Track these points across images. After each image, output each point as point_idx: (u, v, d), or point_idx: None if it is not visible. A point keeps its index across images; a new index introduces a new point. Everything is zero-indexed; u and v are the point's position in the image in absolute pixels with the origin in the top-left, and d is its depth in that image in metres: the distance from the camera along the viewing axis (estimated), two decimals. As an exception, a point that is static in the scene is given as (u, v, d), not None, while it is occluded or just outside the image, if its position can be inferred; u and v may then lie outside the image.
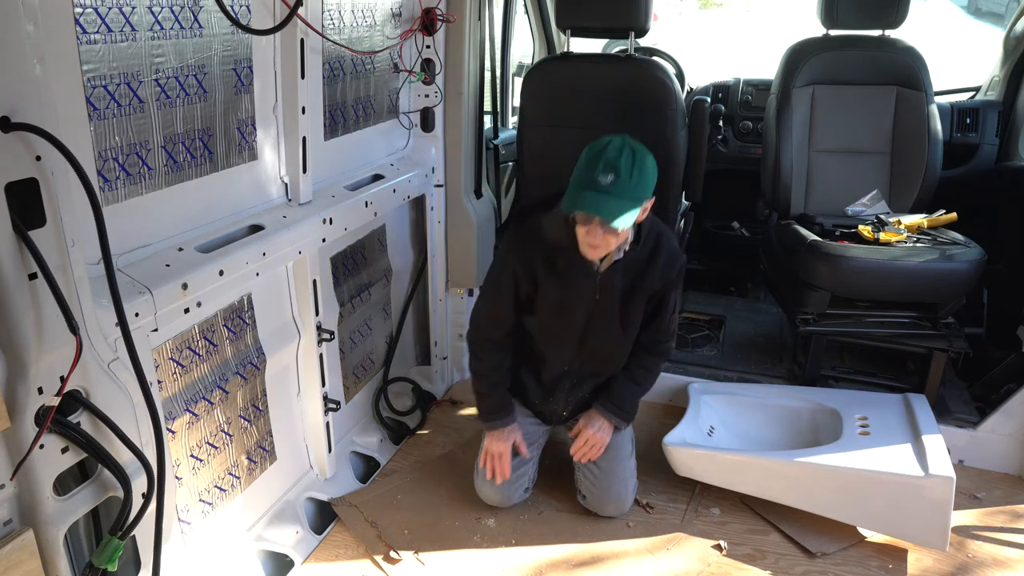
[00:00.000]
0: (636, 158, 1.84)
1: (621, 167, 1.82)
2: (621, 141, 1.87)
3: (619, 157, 1.83)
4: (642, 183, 1.86)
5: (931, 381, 2.68)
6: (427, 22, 2.56)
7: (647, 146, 1.95)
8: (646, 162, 1.87)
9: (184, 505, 1.86)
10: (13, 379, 1.23)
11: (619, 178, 1.81)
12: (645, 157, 1.87)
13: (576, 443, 2.26)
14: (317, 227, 2.13)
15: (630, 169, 1.82)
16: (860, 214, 2.93)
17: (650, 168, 1.89)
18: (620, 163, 1.82)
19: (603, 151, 1.84)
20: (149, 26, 1.56)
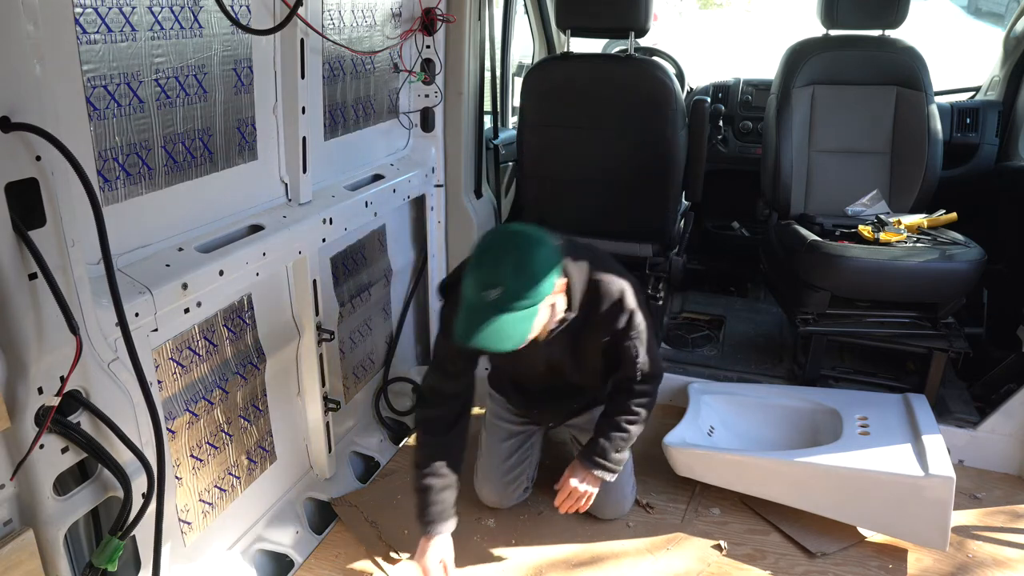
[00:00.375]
0: (521, 256, 1.62)
1: (507, 275, 1.60)
2: (503, 238, 1.69)
3: (502, 264, 1.61)
4: (533, 283, 1.62)
5: (931, 381, 2.67)
6: (427, 22, 2.56)
7: (647, 146, 1.94)
8: (535, 259, 1.63)
9: (184, 505, 1.86)
10: (13, 379, 1.23)
11: (506, 289, 1.59)
12: (534, 254, 1.63)
13: (559, 496, 2.07)
14: (317, 227, 2.13)
15: (516, 275, 1.60)
16: (860, 214, 2.93)
17: (542, 263, 1.64)
18: (506, 271, 1.60)
19: (484, 257, 1.65)
20: (149, 26, 1.56)
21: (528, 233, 1.68)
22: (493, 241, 1.69)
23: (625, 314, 1.92)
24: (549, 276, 1.65)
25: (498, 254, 1.64)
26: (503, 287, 1.59)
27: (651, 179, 2.79)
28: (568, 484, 2.06)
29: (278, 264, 2.01)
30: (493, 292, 1.59)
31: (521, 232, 1.68)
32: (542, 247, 1.66)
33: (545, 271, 1.64)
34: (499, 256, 1.63)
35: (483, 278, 1.62)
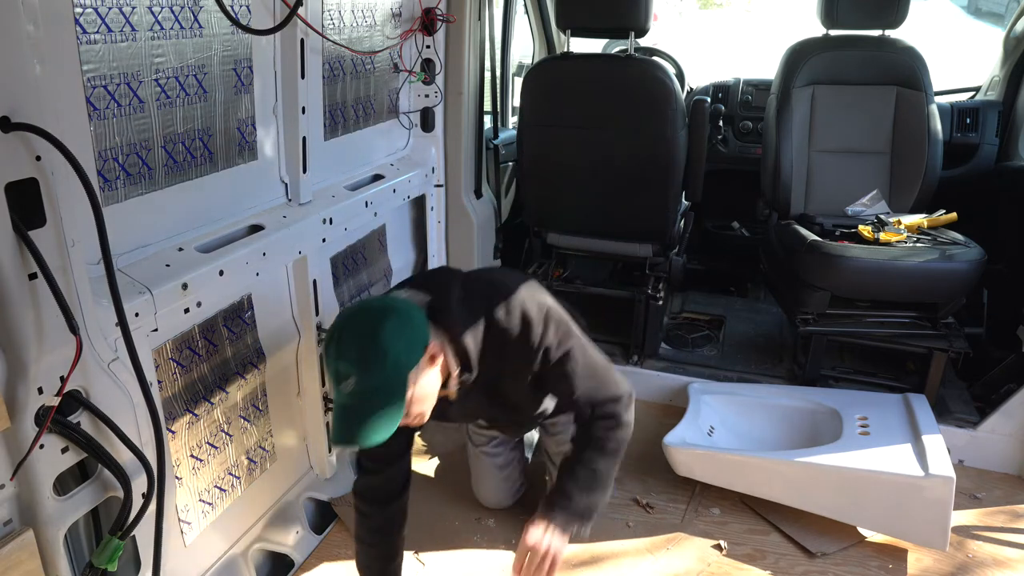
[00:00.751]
0: (366, 340, 1.44)
1: (353, 364, 1.43)
2: (346, 321, 1.49)
3: (346, 351, 1.44)
4: (387, 364, 1.43)
5: (931, 381, 2.67)
6: (427, 22, 2.56)
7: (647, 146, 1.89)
8: (383, 336, 1.43)
9: (184, 505, 1.86)
10: (13, 379, 1.23)
11: (358, 379, 1.43)
12: (381, 330, 1.44)
13: (516, 559, 1.68)
14: (317, 227, 2.13)
15: (363, 360, 1.43)
16: (860, 214, 2.93)
17: (392, 339, 1.44)
18: (350, 360, 1.44)
19: (331, 349, 1.47)
20: (149, 26, 1.56)
21: (376, 308, 1.50)
22: (338, 325, 1.50)
23: (537, 348, 1.66)
24: (404, 349, 1.46)
25: (342, 341, 1.46)
26: (352, 376, 1.43)
27: (651, 179, 2.79)
28: (525, 543, 1.65)
29: (278, 264, 2.01)
30: (346, 385, 1.44)
31: (367, 309, 1.51)
32: (389, 319, 1.46)
33: (396, 345, 1.44)
34: (343, 343, 1.46)
35: (332, 370, 1.47)
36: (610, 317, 3.30)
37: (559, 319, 1.70)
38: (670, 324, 3.38)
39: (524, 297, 1.68)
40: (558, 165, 2.89)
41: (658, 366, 3.03)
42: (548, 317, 1.68)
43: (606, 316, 3.33)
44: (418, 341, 1.50)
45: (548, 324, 1.67)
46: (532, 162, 2.94)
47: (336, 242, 2.34)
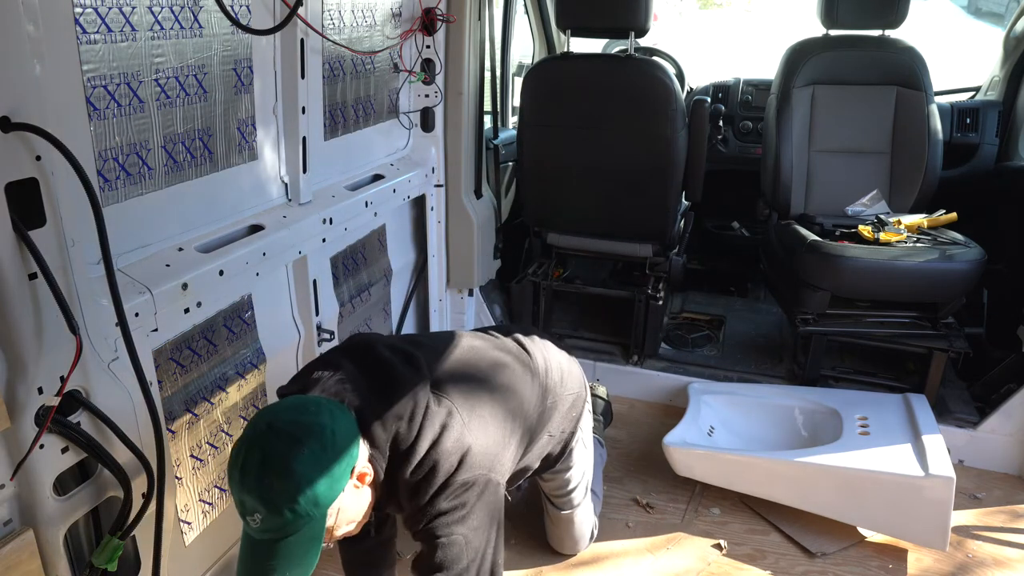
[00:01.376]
0: (276, 473, 1.21)
1: (260, 501, 1.23)
2: (251, 445, 1.25)
3: (251, 485, 1.22)
4: (301, 503, 1.22)
5: (931, 381, 2.67)
6: (427, 22, 2.56)
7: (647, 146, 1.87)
8: (295, 469, 1.22)
9: (184, 505, 1.86)
10: (13, 379, 1.23)
11: (269, 511, 1.23)
12: (291, 460, 1.22)
13: None
14: (317, 227, 2.13)
15: (271, 497, 1.22)
16: (860, 214, 2.93)
17: (304, 471, 1.23)
18: (256, 495, 1.22)
19: (232, 474, 1.26)
20: (149, 26, 1.56)
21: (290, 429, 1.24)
22: (241, 447, 1.26)
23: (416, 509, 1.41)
24: (324, 483, 1.24)
25: (246, 469, 1.23)
26: (260, 513, 1.23)
27: (651, 179, 2.79)
28: None
29: (278, 264, 2.01)
30: (253, 520, 1.24)
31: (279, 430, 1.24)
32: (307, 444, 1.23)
33: (314, 478, 1.22)
34: (247, 472, 1.23)
35: (238, 503, 1.26)
36: (610, 317, 3.30)
37: (453, 503, 1.40)
38: (670, 324, 3.38)
39: (445, 457, 1.40)
40: (558, 165, 2.89)
41: (658, 366, 3.03)
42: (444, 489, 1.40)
43: (606, 316, 3.33)
44: (343, 468, 1.27)
45: (437, 499, 1.40)
46: (532, 162, 2.94)
47: (336, 242, 2.34)
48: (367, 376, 1.44)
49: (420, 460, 1.40)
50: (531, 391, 1.71)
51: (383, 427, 1.38)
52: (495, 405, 1.57)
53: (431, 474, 1.40)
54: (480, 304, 3.18)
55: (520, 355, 1.76)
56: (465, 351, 1.67)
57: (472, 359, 1.65)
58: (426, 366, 1.52)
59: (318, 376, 1.43)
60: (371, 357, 1.50)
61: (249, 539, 1.28)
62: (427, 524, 1.41)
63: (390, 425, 1.39)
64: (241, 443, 1.27)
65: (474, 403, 1.52)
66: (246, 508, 1.25)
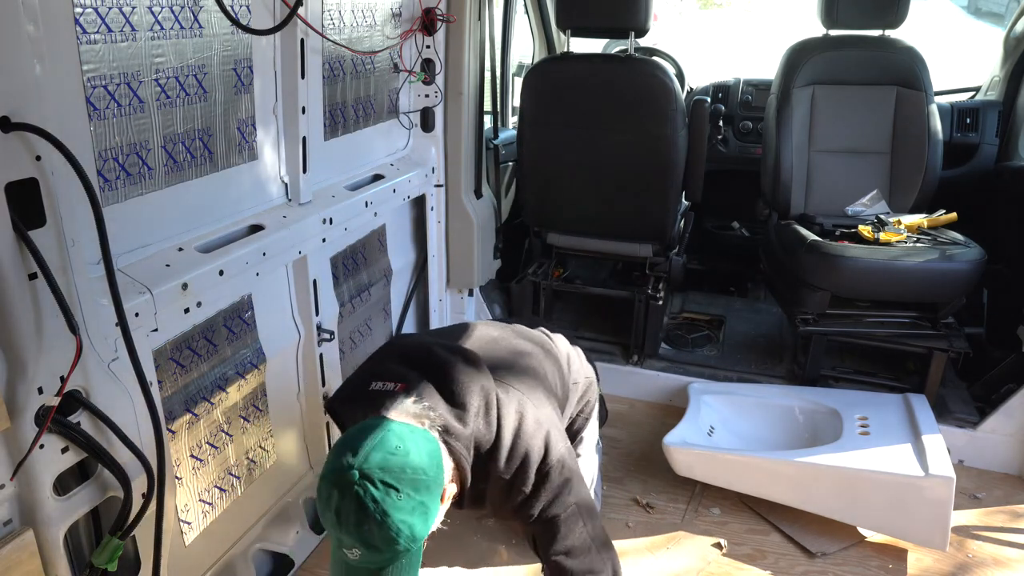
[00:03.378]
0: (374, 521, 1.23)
1: (361, 543, 1.26)
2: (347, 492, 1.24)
3: (351, 528, 1.24)
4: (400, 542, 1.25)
5: (931, 381, 2.68)
6: (427, 22, 2.56)
7: (647, 146, 1.87)
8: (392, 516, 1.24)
9: (184, 505, 1.86)
10: (13, 379, 1.23)
11: (368, 550, 1.27)
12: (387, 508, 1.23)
13: None
14: (317, 227, 2.13)
15: (372, 541, 1.25)
16: (860, 214, 2.93)
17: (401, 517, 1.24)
18: (357, 538, 1.25)
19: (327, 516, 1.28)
20: (149, 26, 1.56)
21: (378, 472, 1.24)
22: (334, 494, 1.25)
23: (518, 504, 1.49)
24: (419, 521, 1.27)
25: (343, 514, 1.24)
26: (362, 546, 1.26)
27: (651, 179, 2.79)
28: None
29: (278, 264, 2.01)
30: (353, 551, 1.27)
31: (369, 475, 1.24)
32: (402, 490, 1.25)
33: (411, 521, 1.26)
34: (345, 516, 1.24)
35: (335, 540, 1.30)
36: (610, 317, 3.30)
37: (557, 480, 1.50)
38: (670, 324, 3.38)
39: (531, 444, 1.48)
40: (558, 165, 2.89)
41: (658, 366, 3.03)
42: (546, 477, 1.49)
43: (606, 316, 3.33)
44: (436, 500, 1.31)
45: (541, 486, 1.49)
46: (532, 162, 2.94)
47: (336, 242, 2.34)
48: (435, 382, 1.45)
49: (509, 453, 1.46)
50: (554, 375, 1.78)
51: (465, 439, 1.41)
52: (542, 386, 1.64)
53: (524, 464, 1.47)
54: (480, 304, 3.18)
55: (543, 341, 1.86)
56: (497, 340, 1.72)
57: (507, 347, 1.71)
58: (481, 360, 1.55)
59: (386, 390, 1.43)
60: (432, 361, 1.51)
61: (346, 565, 1.31)
62: (543, 510, 1.49)
63: (470, 431, 1.42)
64: (331, 486, 1.26)
65: (530, 386, 1.58)
66: (344, 544, 1.28)
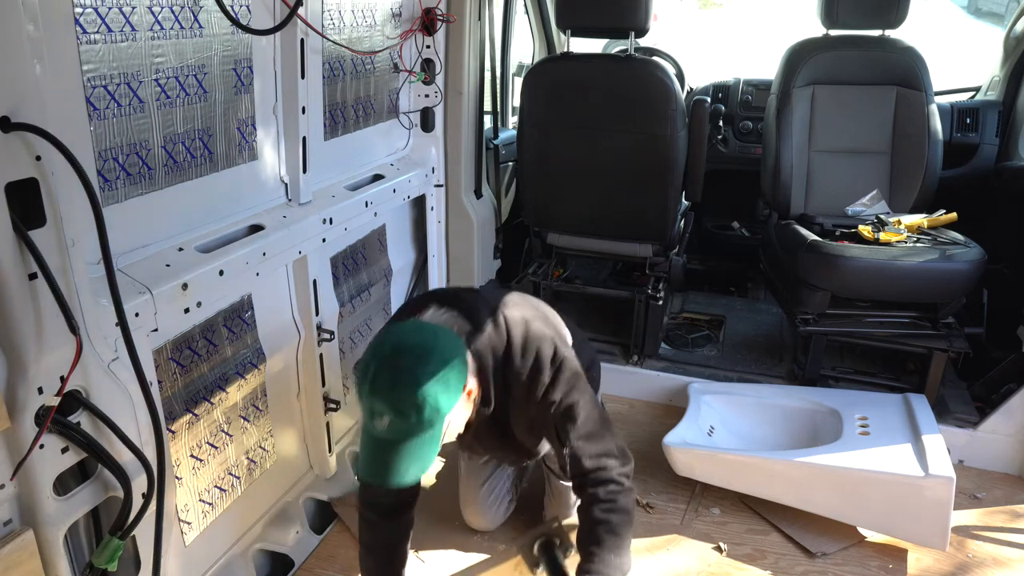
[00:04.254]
0: (407, 386, 1.38)
1: (391, 408, 1.39)
2: (383, 362, 1.42)
3: (384, 395, 1.40)
4: (426, 411, 1.39)
5: (931, 381, 2.67)
6: (427, 22, 2.56)
7: (647, 146, 1.89)
8: (422, 384, 1.39)
9: (184, 505, 1.86)
10: (13, 379, 1.23)
11: (394, 422, 1.40)
12: (419, 376, 1.39)
13: None
14: (317, 227, 2.13)
15: (402, 405, 1.39)
16: (860, 214, 2.93)
17: (432, 384, 1.40)
18: (388, 403, 1.39)
19: (363, 387, 1.42)
20: (149, 26, 1.56)
21: (417, 349, 1.43)
22: (372, 364, 1.43)
23: (541, 397, 1.64)
24: (444, 394, 1.42)
25: (378, 382, 1.40)
26: (389, 417, 1.40)
27: (651, 179, 2.79)
28: None
29: (278, 264, 2.01)
30: (380, 422, 1.41)
31: (408, 349, 1.43)
32: (431, 363, 1.41)
33: (437, 391, 1.40)
34: (380, 384, 1.40)
35: (367, 410, 1.42)
36: (610, 317, 3.30)
37: (570, 373, 1.68)
38: (670, 324, 3.38)
39: (542, 343, 1.67)
40: (558, 165, 2.89)
41: (658, 366, 3.03)
42: (560, 368, 1.66)
43: (606, 316, 3.33)
44: (458, 383, 1.47)
45: (557, 376, 1.66)
46: (532, 162, 2.93)
47: (336, 242, 2.34)
48: (455, 310, 1.65)
49: (522, 350, 1.65)
50: (557, 321, 1.91)
51: (483, 344, 1.62)
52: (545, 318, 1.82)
53: (539, 359, 1.65)
54: None
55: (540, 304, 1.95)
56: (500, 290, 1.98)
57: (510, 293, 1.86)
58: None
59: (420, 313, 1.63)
60: (449, 297, 1.73)
61: (372, 439, 1.45)
62: (563, 398, 1.66)
63: (485, 339, 1.62)
64: (371, 361, 1.44)
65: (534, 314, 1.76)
66: (375, 413, 1.41)
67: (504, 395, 1.67)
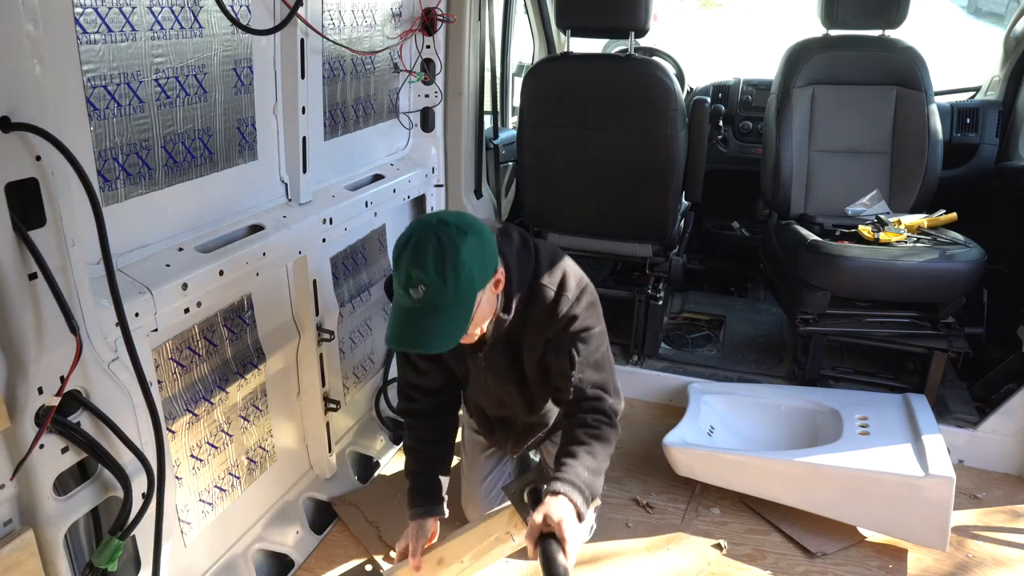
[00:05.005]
0: (447, 253, 1.46)
1: (430, 273, 1.45)
2: (425, 232, 1.49)
3: (425, 260, 1.46)
4: (462, 279, 1.47)
5: (931, 381, 2.67)
6: (427, 22, 2.56)
7: (647, 146, 1.90)
8: (460, 254, 1.47)
9: (184, 505, 1.86)
10: (13, 379, 1.23)
11: (430, 288, 1.46)
12: (459, 247, 1.47)
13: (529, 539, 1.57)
14: (317, 227, 2.13)
15: (441, 271, 1.45)
16: (860, 214, 2.93)
17: (468, 256, 1.48)
18: (427, 268, 1.45)
19: (405, 256, 1.48)
20: (149, 26, 1.56)
21: (454, 221, 1.52)
22: (414, 233, 1.50)
23: (564, 312, 1.70)
24: (479, 268, 1.51)
25: (420, 248, 1.47)
26: (425, 284, 1.46)
27: (651, 179, 2.79)
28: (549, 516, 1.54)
29: (278, 264, 2.01)
30: (417, 289, 1.47)
31: (445, 221, 1.52)
32: (469, 236, 1.50)
33: (473, 263, 1.49)
34: (420, 249, 1.47)
35: (404, 276, 1.48)
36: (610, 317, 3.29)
37: (592, 301, 1.77)
38: (670, 324, 3.38)
39: (569, 269, 1.77)
40: (558, 165, 2.89)
41: (658, 366, 3.03)
42: (583, 293, 1.74)
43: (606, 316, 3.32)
44: (491, 263, 1.56)
45: (580, 298, 1.73)
46: (532, 162, 2.93)
47: (336, 242, 2.34)
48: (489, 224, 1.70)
49: (549, 268, 1.74)
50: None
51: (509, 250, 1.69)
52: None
53: (565, 280, 1.73)
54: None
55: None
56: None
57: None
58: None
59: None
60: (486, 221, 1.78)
61: (404, 309, 1.52)
62: (581, 320, 1.73)
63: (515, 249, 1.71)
64: (413, 230, 1.51)
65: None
66: (411, 281, 1.47)
67: (525, 309, 1.72)
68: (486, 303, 1.60)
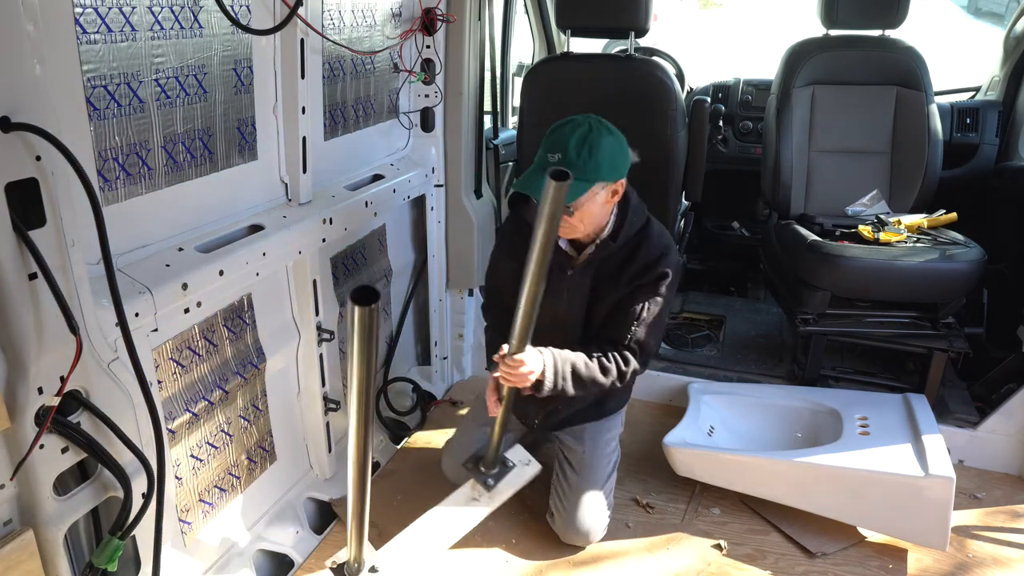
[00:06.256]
0: (589, 137, 1.79)
1: (570, 146, 1.79)
2: (582, 119, 1.84)
3: (571, 136, 1.79)
4: (592, 162, 1.79)
5: (931, 381, 2.67)
6: (427, 22, 2.56)
7: (647, 146, 1.93)
8: (600, 142, 1.80)
9: (184, 505, 1.86)
10: (13, 379, 1.23)
11: (566, 156, 1.78)
12: (601, 137, 1.81)
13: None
14: (317, 227, 2.13)
15: (579, 147, 1.78)
16: (860, 214, 2.93)
17: (605, 148, 1.81)
18: (570, 142, 1.79)
19: (557, 130, 1.83)
20: (149, 26, 1.56)
21: (607, 124, 1.85)
22: (574, 120, 1.83)
23: (656, 272, 1.96)
24: (607, 165, 1.81)
25: (573, 125, 1.81)
26: (563, 152, 1.78)
27: (651, 179, 2.78)
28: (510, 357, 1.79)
29: (278, 264, 2.01)
30: (556, 155, 1.78)
31: (600, 119, 1.85)
32: (614, 136, 1.83)
33: (608, 157, 1.80)
34: (573, 126, 1.80)
35: (550, 145, 1.81)
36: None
37: (680, 271, 2.05)
38: (670, 324, 3.38)
39: (671, 245, 2.04)
40: (558, 165, 2.89)
41: (658, 366, 3.03)
42: (678, 268, 2.02)
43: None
44: (620, 166, 1.86)
45: (672, 271, 1.98)
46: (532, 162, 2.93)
47: (336, 242, 2.34)
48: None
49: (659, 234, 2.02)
50: None
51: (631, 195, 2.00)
52: None
53: (667, 247, 2.00)
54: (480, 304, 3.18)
55: None
56: None
57: None
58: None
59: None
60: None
61: (539, 168, 1.81)
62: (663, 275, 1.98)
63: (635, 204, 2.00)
64: (571, 119, 1.84)
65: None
66: (555, 147, 1.81)
67: (630, 253, 1.97)
68: (599, 207, 1.89)
